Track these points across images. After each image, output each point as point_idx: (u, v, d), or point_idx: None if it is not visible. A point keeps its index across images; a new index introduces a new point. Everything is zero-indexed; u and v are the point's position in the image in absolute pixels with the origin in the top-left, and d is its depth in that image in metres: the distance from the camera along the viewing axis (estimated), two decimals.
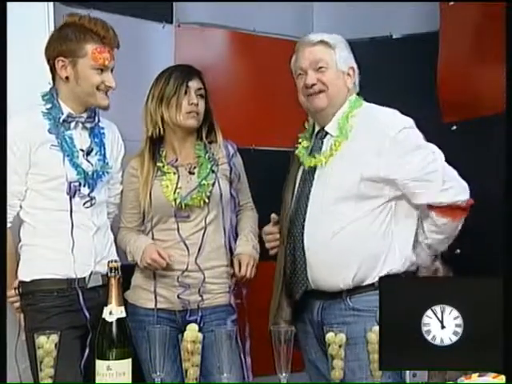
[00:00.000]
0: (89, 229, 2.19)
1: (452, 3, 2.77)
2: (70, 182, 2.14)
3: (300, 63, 2.21)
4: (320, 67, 2.17)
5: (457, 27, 2.77)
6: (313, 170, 2.17)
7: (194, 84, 2.36)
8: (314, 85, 2.17)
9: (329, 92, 2.16)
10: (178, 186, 2.32)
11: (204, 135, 2.42)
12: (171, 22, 3.01)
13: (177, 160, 2.38)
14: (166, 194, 2.31)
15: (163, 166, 2.36)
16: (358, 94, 2.23)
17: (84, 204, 2.18)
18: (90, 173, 2.17)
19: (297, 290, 2.15)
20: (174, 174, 2.35)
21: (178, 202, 2.30)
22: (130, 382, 1.64)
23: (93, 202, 2.19)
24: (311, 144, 2.23)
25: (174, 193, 2.31)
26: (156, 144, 2.39)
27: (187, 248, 2.30)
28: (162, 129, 2.36)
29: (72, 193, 2.15)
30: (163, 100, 2.34)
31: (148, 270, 2.32)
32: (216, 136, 2.43)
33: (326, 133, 2.19)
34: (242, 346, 2.35)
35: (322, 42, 2.19)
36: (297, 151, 2.25)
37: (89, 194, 2.18)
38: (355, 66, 2.22)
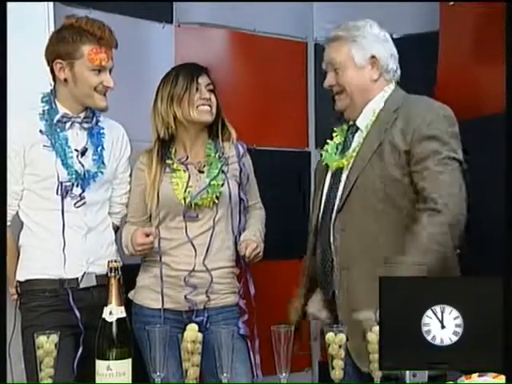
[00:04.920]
0: (80, 229, 2.20)
1: (452, 3, 2.77)
2: (61, 182, 2.15)
3: (323, 64, 2.18)
4: (335, 68, 2.12)
5: (457, 27, 2.77)
6: (340, 170, 2.11)
7: (203, 80, 2.36)
8: (331, 86, 2.15)
9: (348, 92, 2.11)
10: (189, 184, 2.31)
11: (216, 133, 2.40)
12: (171, 22, 3.01)
13: (187, 158, 2.36)
14: (175, 192, 2.30)
15: (173, 163, 2.35)
16: (398, 83, 2.16)
17: (75, 204, 2.18)
18: (82, 173, 2.17)
19: (328, 290, 2.13)
20: (185, 172, 2.33)
21: (187, 201, 2.29)
22: (130, 382, 1.64)
23: (83, 202, 2.19)
24: (343, 139, 2.18)
25: (185, 192, 2.29)
26: (166, 143, 2.38)
27: (194, 248, 2.29)
28: (174, 128, 2.35)
29: (63, 193, 2.15)
30: (174, 99, 2.33)
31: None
32: (229, 133, 2.41)
33: (357, 128, 2.13)
34: (251, 346, 2.35)
35: (336, 37, 2.13)
36: (324, 149, 2.20)
37: (80, 195, 2.18)
38: (380, 52, 2.11)
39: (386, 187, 2.01)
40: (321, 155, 2.24)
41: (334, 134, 2.23)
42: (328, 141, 2.22)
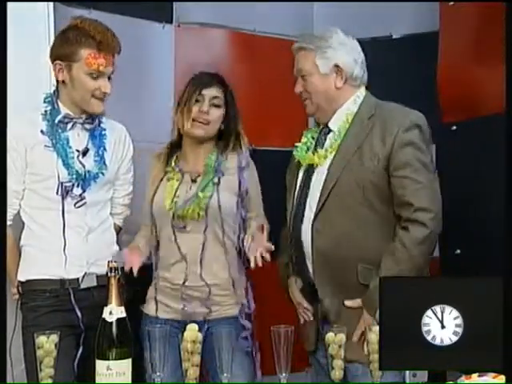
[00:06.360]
0: (81, 229, 2.19)
1: (452, 3, 2.78)
2: (62, 182, 2.15)
3: (294, 71, 2.24)
4: (303, 75, 2.18)
5: (457, 27, 2.77)
6: (312, 169, 2.16)
7: (208, 92, 2.30)
8: (300, 92, 2.21)
9: (313, 99, 2.17)
10: (177, 194, 2.27)
11: (224, 143, 2.35)
12: (171, 22, 3.01)
13: (186, 166, 2.33)
14: (165, 201, 2.27)
15: (171, 171, 2.33)
16: (367, 88, 2.20)
17: (75, 204, 2.18)
18: (82, 173, 2.17)
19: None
20: (177, 180, 2.30)
21: (172, 211, 2.25)
22: (130, 382, 1.64)
23: (83, 202, 2.18)
24: (315, 140, 2.22)
25: (172, 201, 2.26)
26: (174, 150, 2.36)
27: (185, 260, 2.24)
28: (177, 134, 2.34)
29: (64, 193, 2.15)
30: (178, 107, 2.31)
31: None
32: (239, 145, 2.36)
33: (330, 129, 2.18)
34: (252, 345, 2.31)
35: (301, 48, 2.19)
36: (295, 149, 2.25)
37: (80, 195, 2.18)
38: (344, 60, 2.15)
39: (365, 190, 2.05)
40: (292, 154, 2.28)
41: (304, 134, 2.27)
42: (297, 144, 2.26)
